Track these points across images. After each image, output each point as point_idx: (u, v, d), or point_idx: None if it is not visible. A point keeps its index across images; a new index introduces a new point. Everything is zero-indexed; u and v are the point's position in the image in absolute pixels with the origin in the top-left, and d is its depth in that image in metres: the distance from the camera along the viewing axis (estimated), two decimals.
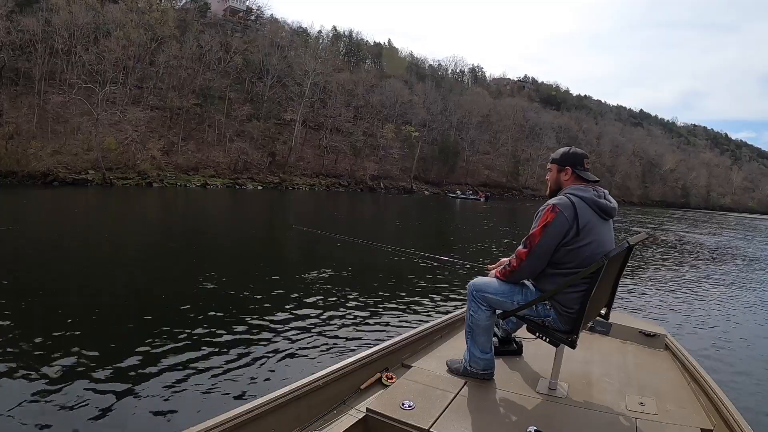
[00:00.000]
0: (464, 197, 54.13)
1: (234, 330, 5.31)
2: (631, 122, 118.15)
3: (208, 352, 4.62)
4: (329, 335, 5.37)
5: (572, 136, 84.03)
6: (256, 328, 5.46)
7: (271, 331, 5.39)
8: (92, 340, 4.78)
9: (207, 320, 5.57)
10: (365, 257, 9.97)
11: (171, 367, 4.26)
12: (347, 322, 5.87)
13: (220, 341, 4.94)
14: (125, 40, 43.80)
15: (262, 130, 51.83)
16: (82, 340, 4.70)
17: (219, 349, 4.73)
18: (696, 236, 25.46)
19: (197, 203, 27.72)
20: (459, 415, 2.24)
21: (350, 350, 4.86)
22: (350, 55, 75.15)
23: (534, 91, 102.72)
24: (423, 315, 6.41)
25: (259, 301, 6.58)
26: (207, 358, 4.49)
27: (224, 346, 4.82)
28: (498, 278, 2.64)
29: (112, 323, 5.40)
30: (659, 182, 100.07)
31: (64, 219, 17.05)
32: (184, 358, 4.44)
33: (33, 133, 37.15)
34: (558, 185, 2.59)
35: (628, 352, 3.27)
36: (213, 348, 4.75)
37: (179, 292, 6.84)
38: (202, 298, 6.49)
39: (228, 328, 5.35)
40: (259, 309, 6.20)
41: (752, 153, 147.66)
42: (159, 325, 5.34)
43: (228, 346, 4.83)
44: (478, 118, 72.85)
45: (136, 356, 4.42)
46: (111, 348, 4.61)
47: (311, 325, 5.65)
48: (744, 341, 6.46)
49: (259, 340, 5.07)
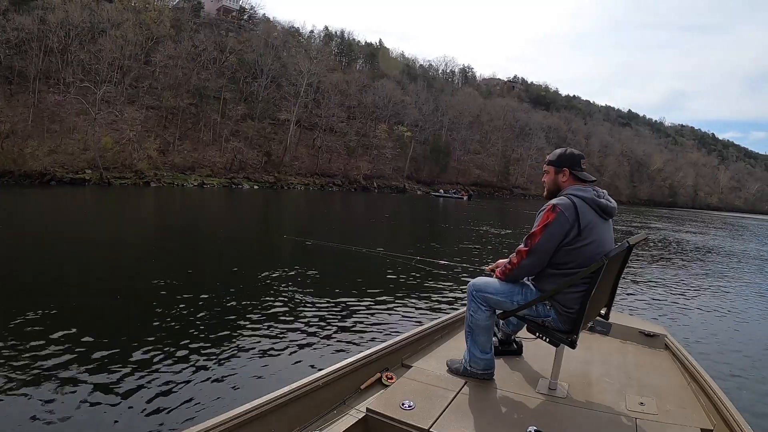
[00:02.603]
0: (447, 196, 54.73)
1: (234, 330, 5.31)
2: (619, 122, 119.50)
3: (207, 352, 4.62)
4: (329, 335, 5.34)
5: (561, 136, 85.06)
6: (255, 328, 5.44)
7: (271, 331, 5.37)
8: (90, 340, 4.75)
9: (206, 320, 5.57)
10: (365, 257, 9.80)
11: (170, 367, 4.25)
12: (347, 322, 5.84)
13: (219, 341, 4.94)
14: (122, 39, 43.87)
15: (258, 129, 52.19)
16: (80, 340, 4.69)
17: (219, 349, 4.73)
18: (691, 236, 25.60)
19: (195, 203, 27.71)
20: (459, 415, 2.26)
21: (350, 350, 4.82)
22: (342, 55, 75.55)
23: (524, 92, 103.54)
24: (423, 315, 6.37)
25: (258, 302, 6.50)
26: (207, 358, 4.48)
27: (224, 346, 4.82)
28: (498, 278, 2.65)
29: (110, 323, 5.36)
30: (647, 182, 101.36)
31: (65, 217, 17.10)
32: (183, 358, 4.44)
33: (29, 133, 37.10)
34: (556, 186, 2.59)
35: (628, 352, 3.28)
36: (213, 348, 4.74)
37: (178, 292, 6.75)
38: (201, 299, 6.46)
39: (228, 328, 5.36)
40: (259, 309, 6.15)
41: (739, 153, 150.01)
42: (158, 324, 5.34)
43: (228, 346, 4.83)
44: (469, 118, 73.68)
45: (136, 356, 4.42)
46: (110, 348, 4.57)
47: (311, 325, 5.63)
48: (744, 341, 6.46)
49: (259, 340, 5.05)
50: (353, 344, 5.10)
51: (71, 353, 4.38)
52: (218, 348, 4.76)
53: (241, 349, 4.79)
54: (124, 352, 4.48)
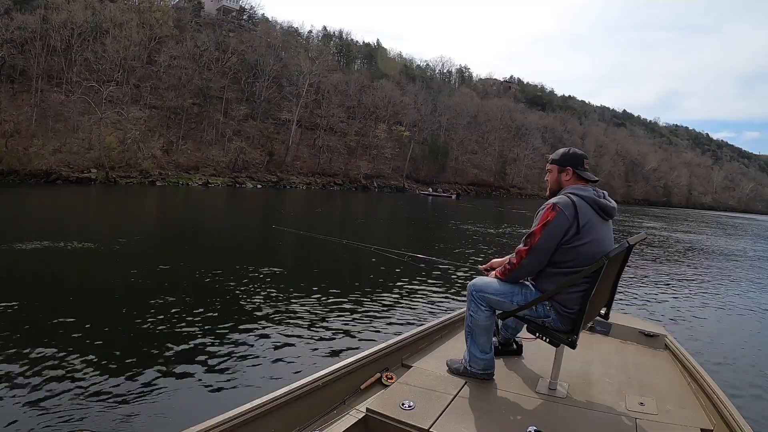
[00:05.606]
0: (436, 194, 55.08)
1: (233, 330, 5.34)
2: (614, 122, 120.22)
3: (207, 352, 4.63)
4: (329, 335, 5.36)
5: (557, 136, 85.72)
6: (255, 328, 5.46)
7: (270, 331, 5.39)
8: (90, 339, 4.76)
9: (206, 320, 5.58)
10: (365, 257, 9.80)
11: (170, 366, 4.26)
12: (347, 322, 5.84)
13: (219, 341, 4.95)
14: (127, 40, 44.07)
15: (260, 129, 52.63)
16: (79, 340, 4.72)
17: (219, 349, 4.75)
18: (688, 235, 25.82)
19: (203, 202, 27.90)
20: (459, 415, 2.25)
21: (350, 350, 4.81)
22: (340, 55, 75.93)
23: (520, 92, 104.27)
24: (423, 315, 6.38)
25: (258, 301, 6.52)
26: (206, 358, 4.48)
27: (224, 346, 4.84)
28: (498, 278, 2.64)
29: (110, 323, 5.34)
30: (642, 181, 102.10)
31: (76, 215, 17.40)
32: (182, 358, 4.44)
33: (33, 132, 37.25)
34: (559, 186, 2.59)
35: (628, 352, 3.28)
36: (213, 348, 4.76)
37: (178, 292, 6.76)
38: (201, 299, 6.49)
39: (227, 328, 5.38)
40: (259, 309, 6.17)
41: (733, 153, 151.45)
42: (157, 324, 5.34)
43: (228, 346, 4.84)
44: (466, 118, 74.27)
45: (135, 356, 4.43)
46: (109, 347, 4.58)
47: (311, 325, 5.65)
48: (744, 341, 6.49)
49: (259, 340, 5.07)
50: (353, 344, 5.10)
51: (70, 353, 4.37)
52: (218, 348, 4.78)
53: (240, 348, 4.80)
54: (123, 352, 4.49)
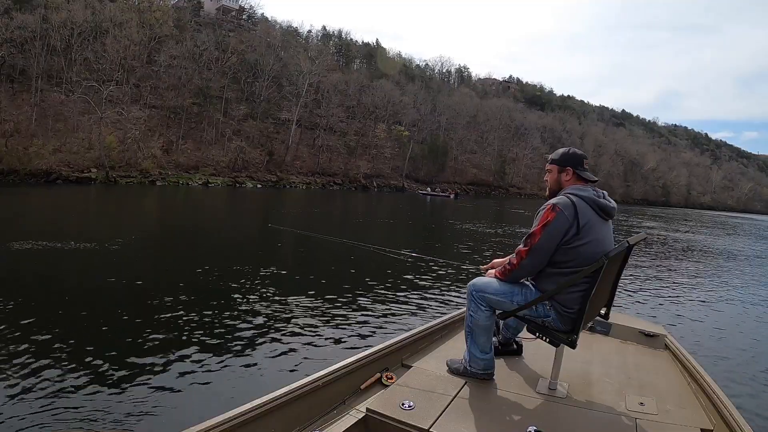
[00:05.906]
0: (434, 194, 55.19)
1: (233, 330, 5.34)
2: (613, 122, 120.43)
3: (207, 352, 4.63)
4: (329, 335, 5.36)
5: (557, 136, 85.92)
6: (255, 328, 5.46)
7: (270, 331, 5.38)
8: (90, 339, 4.78)
9: (206, 320, 5.59)
10: (365, 257, 9.77)
11: (170, 366, 4.27)
12: (347, 322, 5.85)
13: (219, 341, 4.96)
14: (127, 39, 44.10)
15: (260, 129, 52.73)
16: (79, 340, 4.73)
17: (218, 349, 4.74)
18: (687, 235, 25.81)
19: (204, 202, 27.91)
20: (459, 415, 2.25)
21: (350, 350, 4.79)
22: (340, 55, 75.98)
23: (519, 92, 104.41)
24: (423, 315, 6.37)
25: (258, 301, 6.53)
26: (206, 358, 4.49)
27: (224, 345, 4.84)
28: (498, 278, 2.63)
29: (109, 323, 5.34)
30: (641, 181, 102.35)
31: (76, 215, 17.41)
32: (183, 358, 4.45)
33: (33, 131, 37.25)
34: (559, 186, 2.59)
35: (628, 352, 3.28)
36: (212, 348, 4.76)
37: (178, 292, 6.76)
38: (201, 299, 6.49)
39: (227, 328, 5.40)
40: (259, 309, 6.17)
41: (732, 153, 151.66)
42: (157, 324, 5.35)
43: (228, 346, 4.85)
44: (465, 118, 74.37)
45: (135, 356, 4.43)
46: (109, 348, 4.58)
47: (311, 325, 5.65)
48: (744, 341, 6.50)
49: (259, 340, 5.07)
50: (353, 344, 5.11)
51: (69, 353, 4.40)
52: (217, 347, 4.78)
53: (241, 348, 4.81)
54: (123, 352, 4.50)
